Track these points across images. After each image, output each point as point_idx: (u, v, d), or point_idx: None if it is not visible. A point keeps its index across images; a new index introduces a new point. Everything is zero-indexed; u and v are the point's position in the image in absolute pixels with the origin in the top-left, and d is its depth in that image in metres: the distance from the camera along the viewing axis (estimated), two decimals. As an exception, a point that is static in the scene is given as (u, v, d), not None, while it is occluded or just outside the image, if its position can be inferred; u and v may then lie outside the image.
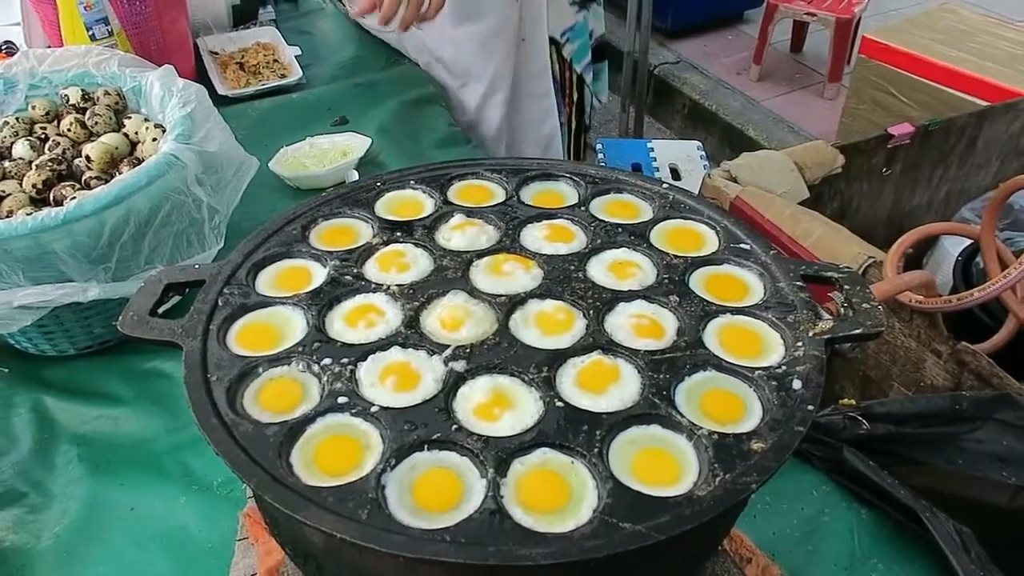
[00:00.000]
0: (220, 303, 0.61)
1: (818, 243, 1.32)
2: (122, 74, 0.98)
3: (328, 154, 1.20)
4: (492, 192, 0.76)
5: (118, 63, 0.98)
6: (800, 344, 0.56)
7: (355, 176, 1.10)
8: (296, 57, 1.44)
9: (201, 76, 1.39)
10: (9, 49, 1.40)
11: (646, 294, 0.62)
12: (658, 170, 2.06)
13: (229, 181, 0.93)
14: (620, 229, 0.69)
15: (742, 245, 0.67)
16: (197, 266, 0.64)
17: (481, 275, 0.65)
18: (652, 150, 2.14)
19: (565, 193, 0.76)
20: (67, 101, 0.97)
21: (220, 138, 0.91)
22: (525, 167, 0.78)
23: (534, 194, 0.76)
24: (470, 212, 0.72)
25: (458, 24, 1.40)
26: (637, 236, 0.68)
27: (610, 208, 0.73)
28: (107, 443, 0.84)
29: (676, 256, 0.66)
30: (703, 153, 2.11)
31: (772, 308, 0.60)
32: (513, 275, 0.64)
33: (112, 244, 0.83)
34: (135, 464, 0.82)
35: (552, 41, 1.51)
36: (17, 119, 0.95)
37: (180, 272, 0.64)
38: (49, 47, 1.32)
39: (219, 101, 1.33)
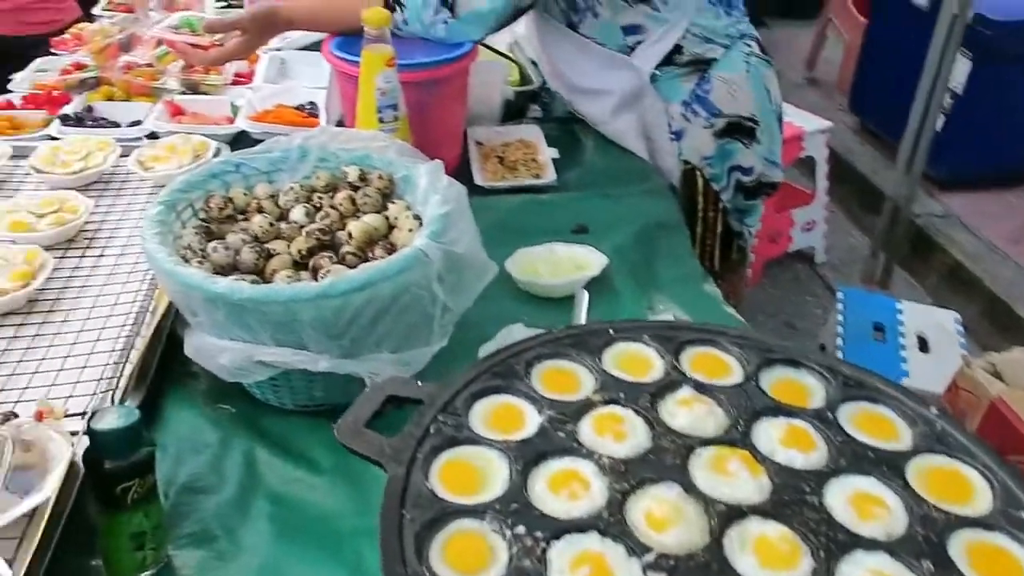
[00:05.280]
0: (432, 430, 0.61)
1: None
2: (397, 162, 1.05)
3: (562, 264, 1.20)
4: (729, 368, 0.70)
5: (395, 151, 1.06)
6: None
7: (585, 296, 1.09)
8: (553, 159, 1.48)
9: (464, 163, 1.47)
10: (311, 110, 1.57)
11: (892, 548, 0.53)
12: (903, 336, 1.87)
13: (468, 283, 0.95)
14: (871, 452, 0.61)
15: (1024, 515, 0.56)
16: (420, 383, 0.65)
17: (701, 469, 0.59)
18: (900, 312, 1.96)
19: (811, 388, 0.68)
20: (345, 177, 1.06)
21: (468, 241, 0.94)
22: (770, 347, 0.72)
23: (774, 380, 0.69)
24: (701, 387, 0.67)
25: (587, 97, 1.54)
26: (890, 467, 0.59)
27: (861, 421, 0.65)
28: (298, 508, 0.87)
29: (936, 507, 0.56)
30: (961, 328, 1.88)
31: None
32: (737, 478, 0.58)
33: (351, 323, 0.87)
34: (316, 538, 0.84)
35: (692, 169, 1.48)
36: (301, 186, 1.05)
37: (403, 386, 0.65)
38: (341, 117, 1.47)
39: (474, 190, 1.40)
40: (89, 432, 0.72)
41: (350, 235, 0.98)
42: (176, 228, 0.97)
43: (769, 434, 0.62)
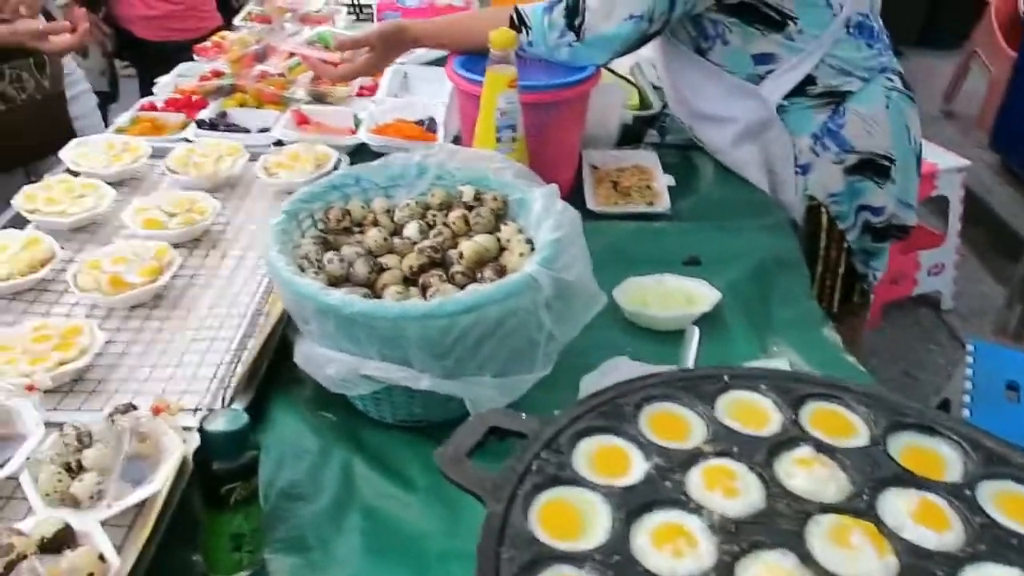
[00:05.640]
0: (534, 467, 0.59)
1: None
2: (512, 184, 1.04)
3: (672, 296, 1.16)
4: (854, 428, 0.65)
5: (512, 173, 1.05)
6: None
7: (696, 333, 1.04)
8: (668, 187, 1.44)
9: (577, 185, 1.45)
10: (429, 126, 1.60)
11: (1039, 654, 0.47)
12: (1041, 398, 1.71)
13: (575, 312, 0.93)
14: (1016, 540, 0.55)
15: None
16: (524, 416, 0.64)
17: (820, 539, 0.55)
18: (1038, 371, 1.79)
19: (946, 459, 0.63)
20: (460, 196, 1.06)
21: (579, 268, 0.92)
22: (902, 409, 0.66)
23: (905, 446, 0.64)
24: (823, 446, 0.62)
25: (709, 125, 1.50)
26: (1039, 559, 0.53)
27: (1005, 502, 0.58)
28: (390, 525, 0.87)
29: (1095, 615, 0.50)
30: (1111, 396, 1.71)
31: None
32: (860, 553, 0.53)
33: (455, 344, 0.87)
34: (406, 557, 0.83)
35: (817, 205, 1.41)
36: (416, 203, 1.06)
37: (505, 417, 0.63)
38: (458, 133, 1.48)
39: (585, 214, 1.38)
40: (200, 432, 0.74)
41: (461, 255, 0.98)
42: (296, 237, 0.99)
43: (897, 507, 0.57)
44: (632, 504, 0.56)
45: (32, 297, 1.13)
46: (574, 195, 1.42)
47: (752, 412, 0.66)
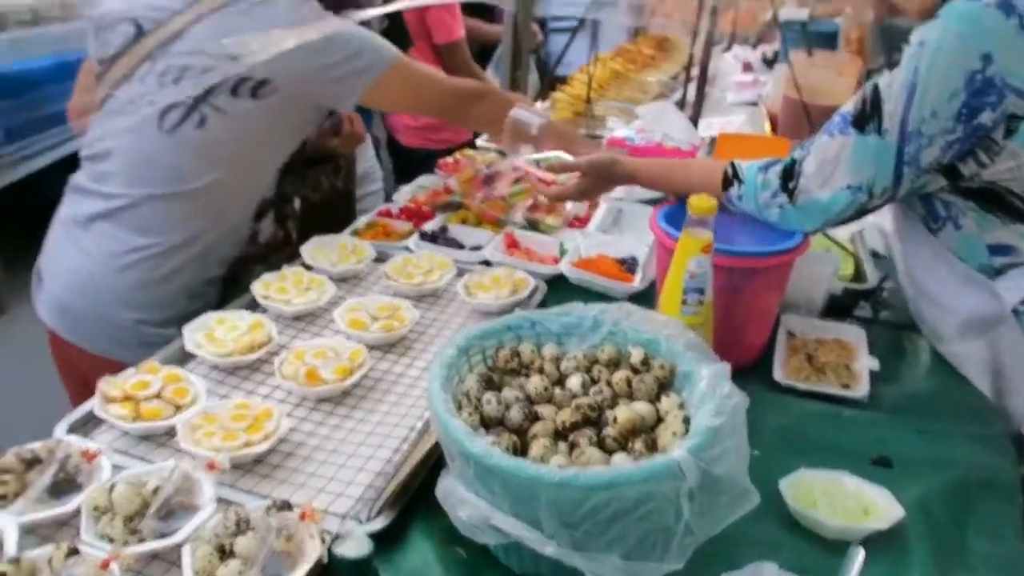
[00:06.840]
0: None
1: None
2: (683, 355, 1.02)
3: (847, 502, 1.05)
4: None
5: (684, 343, 1.03)
6: None
7: (859, 556, 0.94)
8: (870, 371, 1.33)
9: (768, 352, 1.39)
10: (630, 266, 1.62)
11: None
12: None
13: (719, 508, 0.88)
14: None
15: None
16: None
17: None
18: None
19: None
20: (629, 357, 1.06)
21: (732, 463, 0.88)
22: None
23: None
24: None
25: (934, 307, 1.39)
26: None
27: None
28: None
29: None
30: None
31: None
32: None
33: (586, 517, 0.85)
34: None
35: None
36: (584, 356, 1.07)
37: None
38: (654, 280, 1.49)
39: (771, 385, 1.31)
40: (328, 552, 0.80)
41: (615, 419, 0.98)
42: (463, 371, 1.05)
43: None
44: None
45: (245, 374, 1.29)
46: (763, 361, 1.36)
47: None
